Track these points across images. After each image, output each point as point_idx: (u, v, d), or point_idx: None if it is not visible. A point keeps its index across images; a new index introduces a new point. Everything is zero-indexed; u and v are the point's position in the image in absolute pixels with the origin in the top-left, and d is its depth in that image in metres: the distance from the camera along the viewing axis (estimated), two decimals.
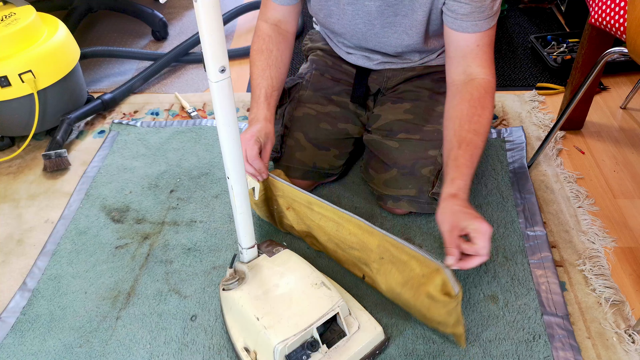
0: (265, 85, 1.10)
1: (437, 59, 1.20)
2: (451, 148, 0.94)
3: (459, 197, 0.88)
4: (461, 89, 0.99)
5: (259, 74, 1.11)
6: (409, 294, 0.89)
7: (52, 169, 1.37)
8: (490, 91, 0.98)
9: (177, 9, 2.23)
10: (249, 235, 0.93)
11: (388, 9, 1.04)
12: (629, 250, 1.10)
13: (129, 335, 0.98)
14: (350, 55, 1.23)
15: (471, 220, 0.83)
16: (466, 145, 0.93)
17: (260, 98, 1.08)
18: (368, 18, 1.07)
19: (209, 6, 0.66)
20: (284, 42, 1.15)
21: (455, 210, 0.86)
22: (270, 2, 1.13)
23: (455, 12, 0.97)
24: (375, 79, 1.23)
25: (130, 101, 1.66)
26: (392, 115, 1.17)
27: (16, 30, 1.34)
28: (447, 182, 0.92)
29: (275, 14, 1.15)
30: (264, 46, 1.13)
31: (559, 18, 1.96)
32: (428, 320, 0.91)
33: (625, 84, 1.59)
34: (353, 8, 1.07)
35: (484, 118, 0.96)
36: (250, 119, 1.08)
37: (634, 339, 0.93)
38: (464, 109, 0.96)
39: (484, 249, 0.81)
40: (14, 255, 1.16)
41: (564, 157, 1.33)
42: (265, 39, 1.13)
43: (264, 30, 1.14)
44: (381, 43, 1.13)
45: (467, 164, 0.92)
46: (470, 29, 0.97)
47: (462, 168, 0.91)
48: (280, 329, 0.83)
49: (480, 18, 0.96)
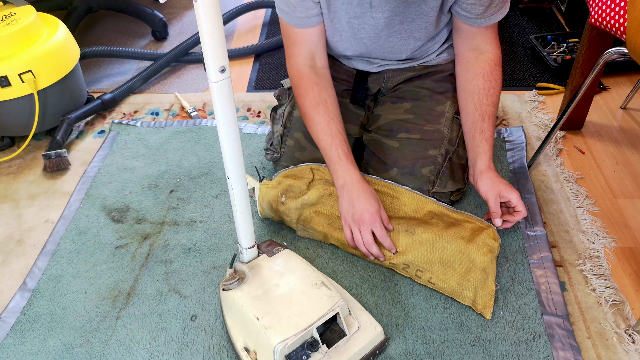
0: (338, 142, 1.03)
1: (437, 59, 1.20)
2: (475, 121, 1.06)
3: (492, 168, 1.04)
4: (473, 64, 1.08)
5: (326, 132, 1.03)
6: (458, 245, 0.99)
7: (52, 169, 1.37)
8: (499, 63, 1.08)
9: (177, 9, 2.23)
10: (249, 235, 0.93)
11: (395, 18, 1.04)
12: (629, 250, 1.10)
13: (129, 335, 0.98)
14: (350, 61, 1.22)
15: (508, 190, 1.00)
16: (488, 118, 1.05)
17: (342, 158, 1.02)
18: (374, 31, 1.07)
19: (209, 6, 0.66)
20: (328, 83, 1.09)
21: (495, 181, 1.02)
22: (300, 35, 1.06)
23: (471, 12, 1.02)
24: (375, 79, 1.23)
25: (130, 101, 1.66)
26: (393, 115, 1.17)
27: (16, 30, 1.34)
28: (479, 154, 1.04)
29: (306, 48, 1.08)
30: (317, 98, 1.05)
31: (559, 18, 1.96)
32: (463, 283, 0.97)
33: (625, 84, 1.59)
34: (359, 22, 1.06)
35: (497, 90, 1.07)
36: (340, 185, 1.02)
37: (634, 339, 0.93)
38: (479, 84, 1.06)
39: (523, 209, 1.01)
40: (14, 255, 1.16)
41: (564, 157, 1.33)
42: (314, 89, 1.06)
43: (307, 77, 1.07)
44: (385, 52, 1.14)
45: (492, 135, 1.05)
46: (485, 23, 1.04)
47: (490, 140, 1.05)
48: (280, 329, 0.83)
49: (494, 12, 1.02)
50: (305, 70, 1.07)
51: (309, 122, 1.07)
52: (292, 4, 1.02)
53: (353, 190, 1.00)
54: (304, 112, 1.07)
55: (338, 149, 1.02)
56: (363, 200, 0.99)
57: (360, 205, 0.99)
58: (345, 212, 1.01)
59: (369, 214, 0.98)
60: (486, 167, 1.03)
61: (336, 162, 1.02)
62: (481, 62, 1.07)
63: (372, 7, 1.03)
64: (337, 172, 1.02)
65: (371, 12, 1.03)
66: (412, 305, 0.99)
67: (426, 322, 0.96)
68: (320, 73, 1.09)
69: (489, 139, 1.04)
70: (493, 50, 1.08)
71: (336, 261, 1.08)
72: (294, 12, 1.03)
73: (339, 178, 1.02)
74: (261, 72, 1.78)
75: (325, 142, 1.04)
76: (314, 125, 1.05)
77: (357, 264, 1.07)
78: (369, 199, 0.99)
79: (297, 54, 1.08)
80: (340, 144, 1.03)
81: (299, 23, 1.05)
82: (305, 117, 1.07)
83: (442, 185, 1.11)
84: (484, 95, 1.06)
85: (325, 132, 1.04)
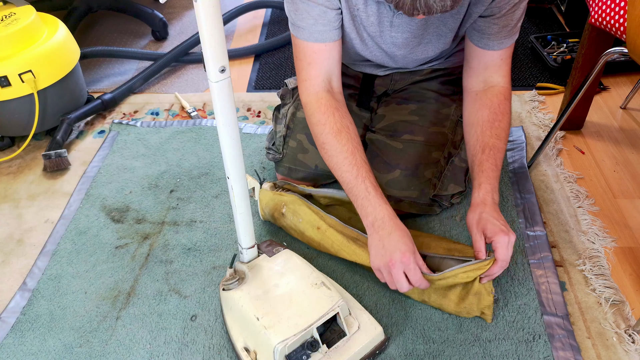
0: (365, 174, 0.94)
1: (444, 62, 1.19)
2: (475, 154, 0.98)
3: (487, 203, 0.92)
4: (481, 96, 1.02)
5: (351, 163, 0.94)
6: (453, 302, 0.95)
7: (52, 169, 1.37)
8: (508, 97, 1.02)
9: (177, 9, 2.23)
10: (249, 235, 0.93)
11: (413, 40, 1.02)
12: (629, 250, 1.10)
13: (129, 335, 0.98)
14: (357, 65, 1.21)
15: (495, 231, 0.88)
16: (489, 150, 0.96)
17: (370, 192, 0.92)
18: (392, 49, 1.05)
19: (209, 6, 0.66)
20: (347, 110, 1.01)
21: (483, 218, 0.90)
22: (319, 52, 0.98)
23: (483, 31, 0.98)
24: (382, 82, 1.22)
25: (130, 101, 1.66)
26: (397, 116, 1.17)
27: (16, 30, 1.34)
28: (474, 187, 0.95)
29: (325, 68, 0.99)
30: (340, 124, 0.97)
31: (559, 18, 1.96)
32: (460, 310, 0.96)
33: (625, 84, 1.59)
34: (379, 41, 1.04)
35: (504, 123, 0.99)
36: (370, 223, 0.92)
37: (634, 339, 0.93)
38: (484, 115, 0.99)
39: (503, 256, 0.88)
40: (14, 255, 1.16)
41: (564, 157, 1.33)
42: (335, 115, 0.97)
43: (326, 102, 0.98)
44: (399, 65, 1.13)
45: (491, 167, 0.95)
46: (497, 46, 0.99)
47: (488, 172, 0.95)
48: (280, 329, 0.83)
49: (507, 35, 0.97)
50: (324, 95, 0.99)
51: (328, 151, 0.97)
52: (313, 16, 0.94)
53: (385, 228, 0.90)
54: (323, 140, 0.97)
55: (366, 182, 0.93)
56: (396, 239, 0.88)
57: (391, 245, 0.88)
58: (375, 253, 0.91)
59: (401, 254, 0.87)
60: (478, 202, 0.92)
61: (364, 198, 0.92)
62: (489, 94, 1.01)
63: (392, 27, 0.99)
64: (366, 208, 0.92)
65: (390, 31, 1.00)
66: (412, 305, 0.99)
67: (426, 322, 0.96)
68: (338, 98, 1.01)
69: (486, 170, 0.94)
70: (504, 84, 1.02)
71: (336, 261, 1.08)
72: (315, 25, 0.95)
73: (368, 215, 0.92)
74: (261, 72, 1.78)
75: (349, 174, 0.94)
76: (336, 155, 0.96)
77: (357, 264, 1.07)
78: (403, 237, 0.89)
79: (314, 75, 0.99)
80: (367, 175, 0.93)
81: (319, 38, 0.96)
82: (325, 145, 0.97)
83: (443, 188, 1.11)
84: (487, 127, 0.98)
85: (349, 163, 0.94)
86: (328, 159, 0.98)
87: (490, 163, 0.95)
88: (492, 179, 0.94)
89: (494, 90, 1.01)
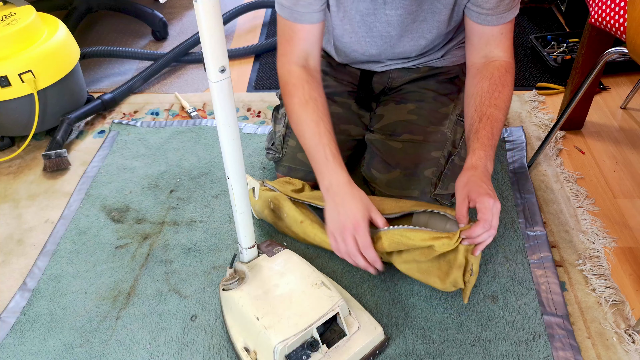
0: (326, 141, 0.95)
1: (441, 61, 1.19)
2: (472, 123, 0.96)
3: (478, 168, 0.90)
4: (481, 69, 1.01)
5: (314, 131, 0.96)
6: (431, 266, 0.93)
7: (52, 169, 1.37)
8: (510, 70, 1.00)
9: (177, 9, 2.23)
10: (249, 235, 0.93)
11: (408, 17, 1.03)
12: (629, 250, 1.10)
13: (129, 335, 0.98)
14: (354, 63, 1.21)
15: (479, 194, 0.85)
16: (487, 119, 0.95)
17: (329, 159, 0.94)
18: (387, 29, 1.05)
19: (209, 6, 0.66)
20: (319, 84, 1.03)
21: (470, 181, 0.88)
22: (298, 32, 1.00)
23: (482, 7, 0.98)
24: (379, 79, 1.22)
25: (130, 101, 1.66)
26: (396, 116, 1.17)
27: (16, 30, 1.34)
28: (469, 153, 0.93)
29: (302, 46, 1.02)
30: (307, 96, 0.99)
31: (559, 18, 1.96)
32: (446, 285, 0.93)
33: (625, 84, 1.59)
34: (373, 19, 1.04)
35: (505, 94, 0.98)
36: (325, 188, 0.94)
37: (634, 339, 0.93)
38: (484, 87, 0.98)
39: (486, 220, 0.83)
40: (14, 255, 1.16)
41: (564, 157, 1.33)
42: (304, 87, 1.00)
43: (298, 75, 1.01)
44: (395, 53, 1.13)
45: (487, 135, 0.93)
46: (496, 21, 0.98)
47: (483, 139, 0.93)
48: (280, 329, 0.83)
49: (506, 10, 0.97)
50: (296, 69, 1.01)
51: (296, 121, 0.99)
52: None
53: (339, 194, 0.92)
54: (291, 110, 1.00)
55: (326, 149, 0.94)
56: (349, 205, 0.91)
57: (345, 210, 0.91)
58: (330, 219, 0.93)
59: (353, 218, 0.89)
60: (469, 166, 0.90)
61: (323, 163, 0.94)
62: (490, 67, 1.00)
63: (386, 4, 1.00)
64: (324, 173, 0.94)
65: (384, 8, 1.01)
66: (412, 305, 0.99)
67: (426, 322, 0.96)
68: (312, 73, 1.02)
69: (482, 138, 0.93)
70: (506, 58, 1.00)
71: (336, 261, 1.08)
72: (295, 6, 0.97)
73: (324, 180, 0.94)
74: (261, 72, 1.78)
75: (311, 141, 0.96)
76: (300, 124, 0.98)
77: None
78: (357, 203, 0.91)
79: (290, 52, 1.02)
80: (328, 143, 0.95)
81: (299, 18, 0.99)
82: (293, 115, 1.00)
83: (443, 187, 1.11)
84: (486, 97, 0.97)
85: (312, 131, 0.96)
86: (295, 128, 1.01)
87: (487, 131, 0.93)
88: (487, 147, 0.92)
89: (494, 63, 1.00)
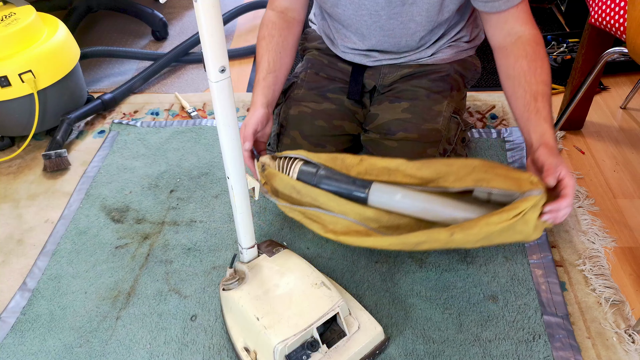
0: (262, 69, 1.11)
1: (432, 58, 1.20)
2: (527, 103, 0.95)
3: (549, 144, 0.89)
4: (512, 49, 1.00)
5: (259, 61, 1.12)
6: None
7: (52, 169, 1.37)
8: (540, 42, 1.00)
9: (177, 9, 2.23)
10: (249, 235, 0.93)
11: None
12: (629, 250, 1.10)
13: (129, 335, 0.98)
14: (347, 54, 1.23)
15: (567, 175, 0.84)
16: (542, 97, 0.95)
17: (259, 83, 1.10)
18: (375, 8, 1.07)
19: (209, 6, 0.66)
20: (288, 28, 1.15)
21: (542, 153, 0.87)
22: None
23: None
24: (371, 74, 1.23)
25: (130, 101, 1.66)
26: (390, 115, 1.17)
27: (16, 30, 1.34)
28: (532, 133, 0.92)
29: (282, 2, 1.15)
30: (266, 32, 1.13)
31: (559, 18, 1.96)
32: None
33: (625, 84, 1.59)
34: None
35: (545, 68, 0.98)
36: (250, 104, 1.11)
37: (634, 339, 0.93)
38: (523, 65, 0.98)
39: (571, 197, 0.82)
40: (14, 255, 1.16)
41: (564, 157, 1.33)
42: (268, 26, 1.14)
43: (269, 18, 1.15)
44: (385, 36, 1.13)
45: (549, 115, 0.94)
46: (504, 6, 0.99)
47: (549, 120, 0.93)
48: (280, 329, 0.83)
49: None
50: (271, 14, 1.15)
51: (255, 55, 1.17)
52: None
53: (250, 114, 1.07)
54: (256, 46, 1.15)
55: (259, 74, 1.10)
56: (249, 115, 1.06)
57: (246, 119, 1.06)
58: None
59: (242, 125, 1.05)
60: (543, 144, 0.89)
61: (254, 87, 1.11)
62: (520, 45, 1.00)
63: None
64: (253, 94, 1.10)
65: None
66: (412, 305, 0.99)
67: (426, 322, 0.96)
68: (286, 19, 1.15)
69: (547, 118, 0.93)
70: (530, 30, 1.00)
71: (336, 261, 1.08)
72: None
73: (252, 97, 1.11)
74: None
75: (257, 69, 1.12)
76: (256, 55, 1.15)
77: (357, 264, 1.07)
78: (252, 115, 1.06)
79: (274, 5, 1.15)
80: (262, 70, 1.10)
81: None
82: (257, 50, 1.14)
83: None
84: (530, 75, 0.97)
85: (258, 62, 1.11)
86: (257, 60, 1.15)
87: (547, 111, 0.94)
88: (552, 127, 0.93)
89: (522, 39, 1.00)
